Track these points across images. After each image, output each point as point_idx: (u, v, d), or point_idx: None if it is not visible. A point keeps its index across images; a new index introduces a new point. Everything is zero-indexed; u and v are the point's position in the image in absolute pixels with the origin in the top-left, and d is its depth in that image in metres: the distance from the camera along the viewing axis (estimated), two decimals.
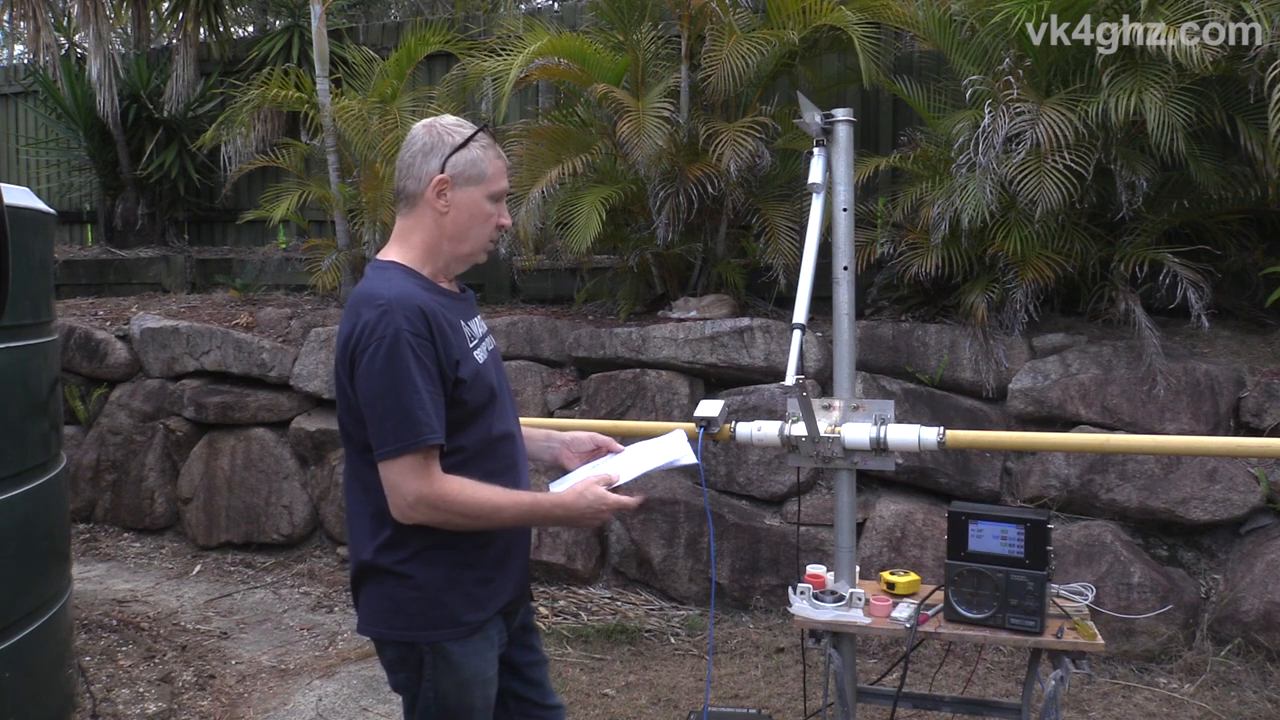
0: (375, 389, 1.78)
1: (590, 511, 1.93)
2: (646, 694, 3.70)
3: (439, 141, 1.89)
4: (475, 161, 1.89)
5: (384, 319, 1.77)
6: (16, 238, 2.98)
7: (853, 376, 2.50)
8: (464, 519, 1.83)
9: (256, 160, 6.21)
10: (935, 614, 2.45)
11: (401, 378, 1.76)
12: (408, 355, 1.76)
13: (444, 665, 1.89)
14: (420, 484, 1.78)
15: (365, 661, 4.07)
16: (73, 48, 8.38)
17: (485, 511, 1.84)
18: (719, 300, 4.98)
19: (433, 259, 1.93)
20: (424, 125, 1.93)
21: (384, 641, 1.94)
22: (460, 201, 1.90)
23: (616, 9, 5.04)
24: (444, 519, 1.81)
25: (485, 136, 1.92)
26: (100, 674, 3.91)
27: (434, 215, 1.90)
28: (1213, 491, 3.87)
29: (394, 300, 1.78)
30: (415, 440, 1.76)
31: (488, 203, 1.92)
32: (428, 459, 1.79)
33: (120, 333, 5.90)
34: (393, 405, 1.77)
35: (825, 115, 2.48)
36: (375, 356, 1.77)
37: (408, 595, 1.88)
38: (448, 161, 1.88)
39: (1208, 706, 3.50)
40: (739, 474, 4.48)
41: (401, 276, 1.87)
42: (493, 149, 1.93)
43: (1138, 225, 4.28)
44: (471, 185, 1.90)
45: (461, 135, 1.90)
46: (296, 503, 5.27)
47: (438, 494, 1.79)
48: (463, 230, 1.92)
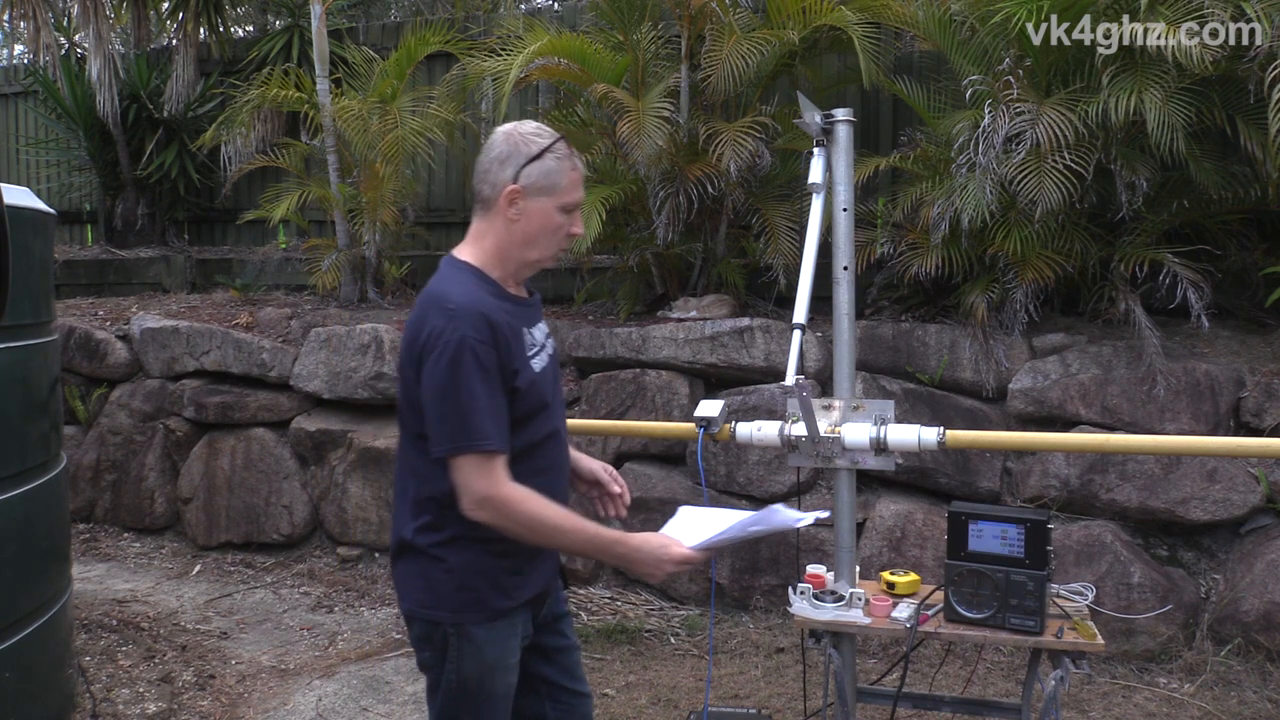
0: (438, 391, 1.84)
1: (652, 559, 1.94)
2: (646, 694, 3.70)
3: (515, 151, 1.93)
4: (549, 173, 1.93)
5: (451, 324, 1.82)
6: (16, 238, 2.98)
7: (853, 376, 2.50)
8: (522, 529, 1.88)
9: (256, 160, 6.21)
10: (935, 614, 2.45)
11: (463, 383, 1.82)
12: (470, 362, 1.81)
13: (468, 648, 1.93)
14: (486, 485, 1.83)
15: (365, 661, 4.07)
16: (73, 48, 8.38)
17: (545, 529, 1.89)
18: (719, 300, 4.98)
19: (502, 263, 1.97)
20: (504, 132, 1.96)
21: (413, 618, 2.00)
22: (531, 210, 1.93)
23: (616, 9, 5.04)
24: (504, 524, 1.87)
25: (562, 147, 1.95)
26: (100, 674, 3.91)
27: (505, 222, 1.94)
28: (1213, 491, 3.87)
29: (462, 306, 1.84)
30: (470, 443, 1.82)
31: (559, 213, 1.96)
32: (492, 461, 1.84)
33: (120, 333, 5.90)
34: (453, 408, 1.82)
35: (825, 115, 2.48)
36: (440, 360, 1.82)
37: (439, 576, 1.93)
38: (521, 171, 1.92)
39: (1208, 706, 3.50)
40: (739, 474, 4.47)
41: (472, 280, 1.92)
42: (568, 160, 1.96)
43: (1138, 225, 4.28)
44: (543, 195, 1.93)
45: (538, 145, 1.93)
46: (296, 503, 5.26)
47: (503, 498, 1.84)
48: (532, 238, 1.95)
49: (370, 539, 5.13)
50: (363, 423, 5.19)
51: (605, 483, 2.23)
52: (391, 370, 5.07)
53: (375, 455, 5.07)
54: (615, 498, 2.25)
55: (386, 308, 5.91)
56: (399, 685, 3.85)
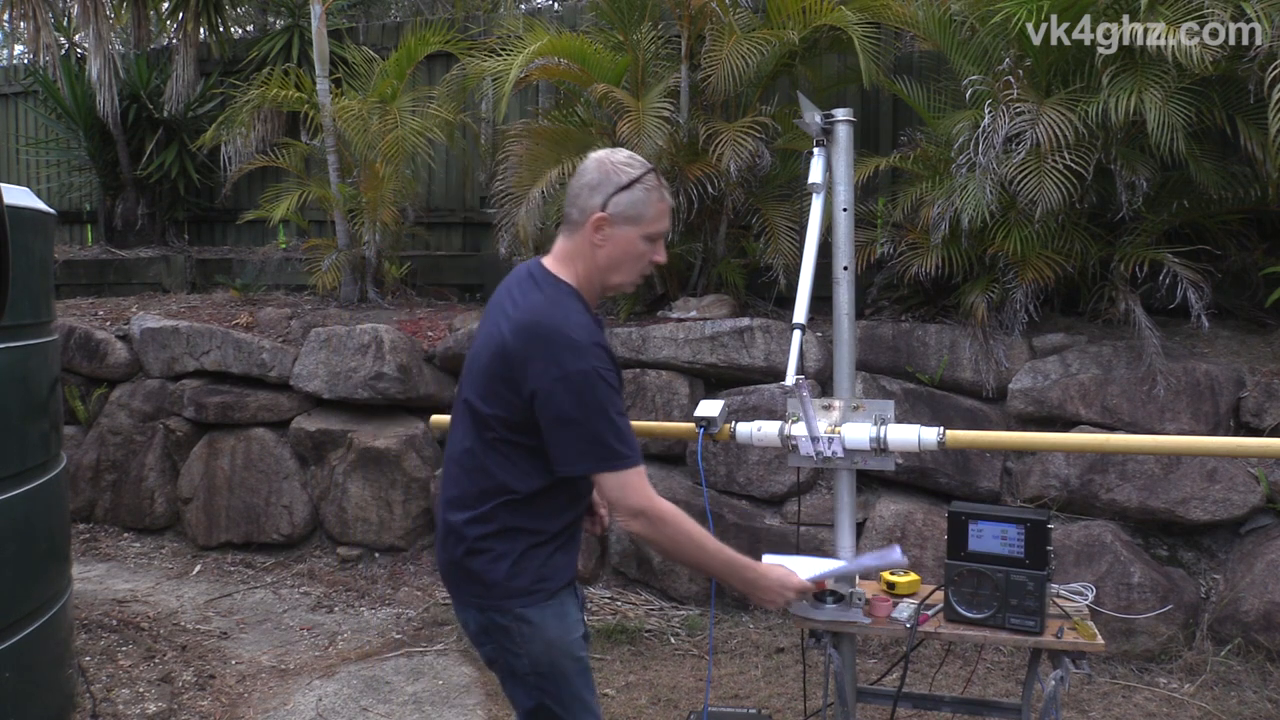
0: (569, 420, 1.90)
1: (776, 585, 2.09)
2: (646, 694, 3.70)
3: (606, 179, 1.99)
4: (636, 203, 1.99)
5: (580, 358, 1.90)
6: (16, 238, 2.98)
7: (853, 376, 2.50)
8: (669, 543, 2.00)
9: (256, 160, 6.21)
10: (935, 614, 2.45)
11: (603, 408, 1.91)
12: (604, 388, 1.91)
13: (529, 630, 2.00)
14: (643, 498, 1.94)
15: (365, 661, 4.07)
16: (73, 48, 8.38)
17: (690, 545, 2.00)
18: (719, 300, 4.98)
19: (589, 285, 2.05)
20: (597, 159, 2.03)
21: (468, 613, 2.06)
22: (616, 238, 2.00)
23: (616, 9, 5.04)
24: (655, 536, 1.97)
25: (652, 179, 2.02)
26: (100, 674, 3.91)
27: (590, 247, 2.02)
28: (1213, 491, 3.87)
29: (584, 341, 1.92)
30: (621, 461, 1.92)
31: (642, 242, 2.03)
32: (640, 472, 1.95)
33: (120, 333, 5.90)
34: (597, 431, 1.91)
35: (825, 115, 2.48)
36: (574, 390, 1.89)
37: (486, 567, 2.00)
38: (610, 200, 1.98)
39: (1208, 706, 3.50)
40: (739, 474, 4.48)
41: (578, 306, 2.00)
42: (657, 191, 2.02)
43: (1138, 225, 4.28)
44: (629, 225, 2.00)
45: (628, 175, 1.99)
46: (296, 503, 5.26)
47: (658, 512, 1.95)
48: (615, 264, 2.03)
49: (370, 539, 5.13)
50: (363, 423, 5.19)
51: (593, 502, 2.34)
52: (390, 370, 5.07)
53: (375, 455, 5.07)
54: (598, 518, 2.38)
55: (386, 308, 5.91)
56: (399, 685, 3.85)
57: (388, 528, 5.09)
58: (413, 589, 4.83)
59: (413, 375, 5.14)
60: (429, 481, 5.09)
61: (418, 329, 5.38)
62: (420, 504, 5.09)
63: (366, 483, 5.10)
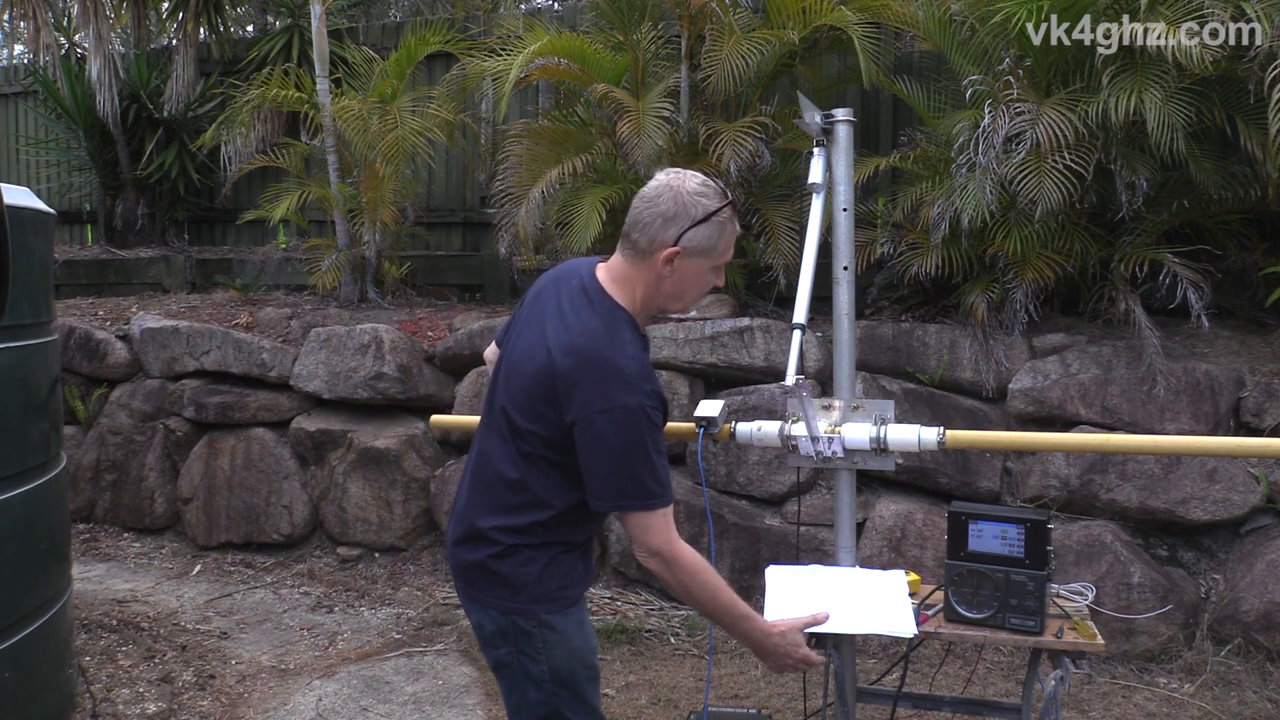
0: (609, 453, 1.88)
1: (779, 652, 2.07)
2: (646, 694, 3.70)
3: (682, 211, 1.93)
4: (710, 237, 1.96)
5: (628, 394, 1.87)
6: (16, 238, 2.98)
7: (853, 376, 2.50)
8: (682, 589, 1.97)
9: (256, 160, 6.21)
10: (935, 614, 2.45)
11: (642, 448, 1.89)
12: (647, 427, 1.89)
13: (553, 637, 2.00)
14: (663, 541, 1.92)
15: (365, 661, 4.07)
16: (73, 48, 8.37)
17: (706, 593, 1.97)
18: (719, 300, 4.98)
19: (646, 309, 2.03)
20: (670, 187, 1.95)
21: (487, 616, 2.04)
22: (685, 269, 1.97)
23: (616, 9, 5.04)
24: (669, 579, 1.96)
25: (728, 212, 1.97)
26: (100, 674, 3.91)
27: (657, 277, 1.98)
28: (1213, 491, 3.87)
29: (637, 376, 1.89)
30: (649, 502, 1.91)
31: (710, 272, 2.01)
32: (667, 516, 1.93)
33: (120, 333, 5.90)
34: (632, 470, 1.89)
35: (825, 115, 2.48)
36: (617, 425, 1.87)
37: (514, 571, 1.99)
38: (685, 235, 1.93)
39: (1208, 706, 3.50)
40: (739, 474, 4.47)
41: (632, 336, 1.96)
42: (731, 223, 1.99)
43: (1138, 225, 4.28)
44: (700, 257, 1.97)
45: (704, 209, 1.93)
46: (296, 503, 5.26)
47: (674, 556, 1.93)
48: (681, 292, 2.01)
49: (370, 539, 5.13)
50: (363, 423, 5.19)
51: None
52: (390, 370, 5.07)
53: (375, 455, 5.07)
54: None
55: (386, 308, 5.91)
56: (399, 685, 3.85)
57: (388, 528, 5.09)
58: (413, 589, 4.83)
59: (413, 375, 5.14)
60: (429, 481, 5.09)
61: (418, 329, 5.38)
62: (420, 504, 5.09)
63: (366, 483, 5.10)
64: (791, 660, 2.06)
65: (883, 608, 2.25)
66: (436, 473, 5.09)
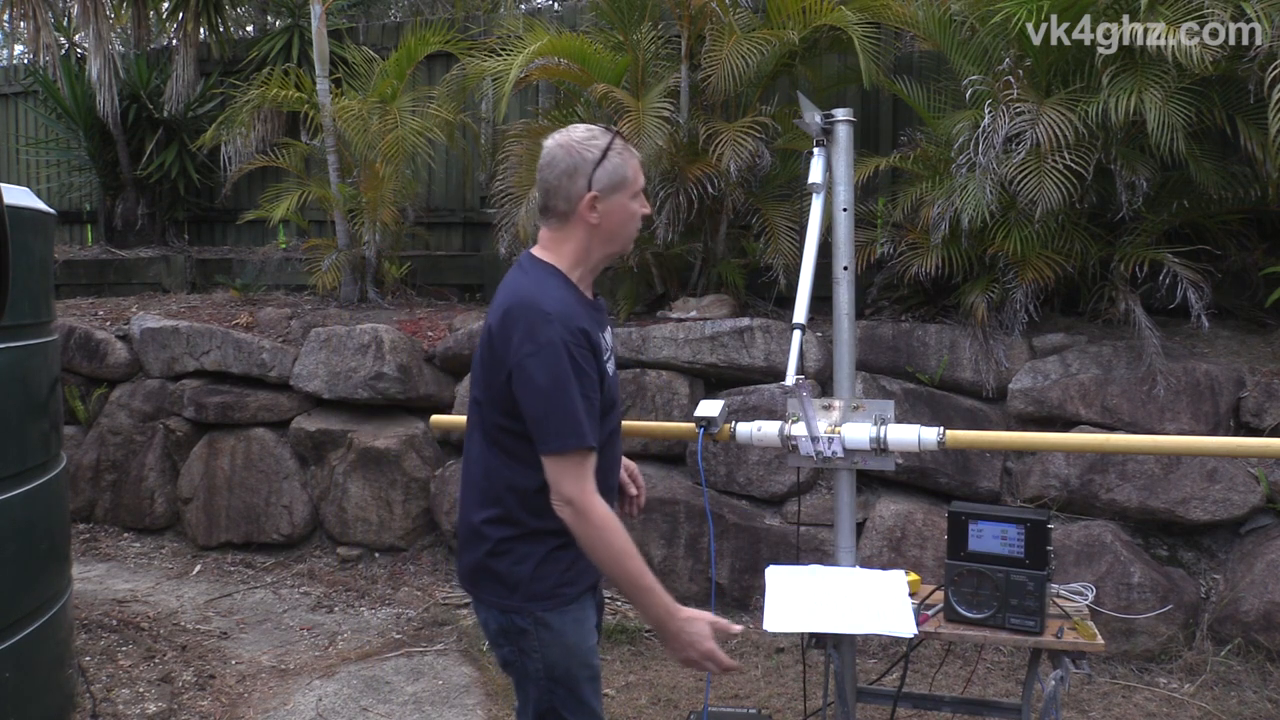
0: (536, 391, 1.90)
1: (681, 638, 1.98)
2: (646, 694, 3.70)
3: (579, 161, 2.00)
4: (615, 170, 2.01)
5: (550, 329, 1.89)
6: (16, 238, 2.98)
7: (853, 376, 2.50)
8: (588, 544, 1.94)
9: (256, 160, 6.21)
10: (935, 614, 2.45)
11: (563, 384, 1.89)
12: (569, 365, 1.89)
13: (548, 635, 2.00)
14: (575, 488, 1.91)
15: (365, 661, 4.07)
16: (73, 48, 8.37)
17: (610, 554, 1.94)
18: (719, 300, 4.98)
19: (583, 263, 2.06)
20: (560, 145, 2.02)
21: (489, 614, 2.06)
22: (609, 209, 2.02)
23: (616, 9, 5.04)
24: (579, 529, 1.93)
25: (619, 142, 2.04)
26: (100, 674, 3.91)
27: (587, 228, 2.03)
28: (1213, 491, 3.87)
29: (558, 313, 1.92)
30: (568, 442, 1.89)
31: (632, 202, 2.06)
32: (585, 466, 1.92)
33: (120, 333, 5.90)
34: (554, 408, 1.89)
35: (825, 115, 2.48)
36: (542, 362, 1.89)
37: (509, 569, 2.01)
38: (593, 178, 1.99)
39: (1208, 706, 3.50)
40: (739, 474, 4.48)
41: (560, 285, 2.00)
42: (626, 151, 2.04)
43: (1138, 225, 4.28)
44: (617, 192, 2.02)
45: (598, 149, 2.00)
46: (296, 503, 5.26)
47: (585, 506, 1.91)
48: (614, 233, 2.06)
49: (370, 539, 5.13)
50: (363, 423, 5.19)
51: (623, 484, 2.32)
52: (390, 370, 5.07)
53: (375, 455, 5.07)
54: (631, 499, 2.35)
55: (386, 308, 5.91)
56: (399, 685, 3.85)
57: (388, 528, 5.09)
58: (413, 589, 4.83)
59: (413, 375, 5.14)
60: (429, 481, 5.09)
61: (418, 329, 5.38)
62: (420, 504, 5.09)
63: (366, 483, 5.10)
64: (695, 652, 1.97)
65: (883, 608, 2.26)
66: (436, 473, 5.09)
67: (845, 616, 2.23)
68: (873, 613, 2.25)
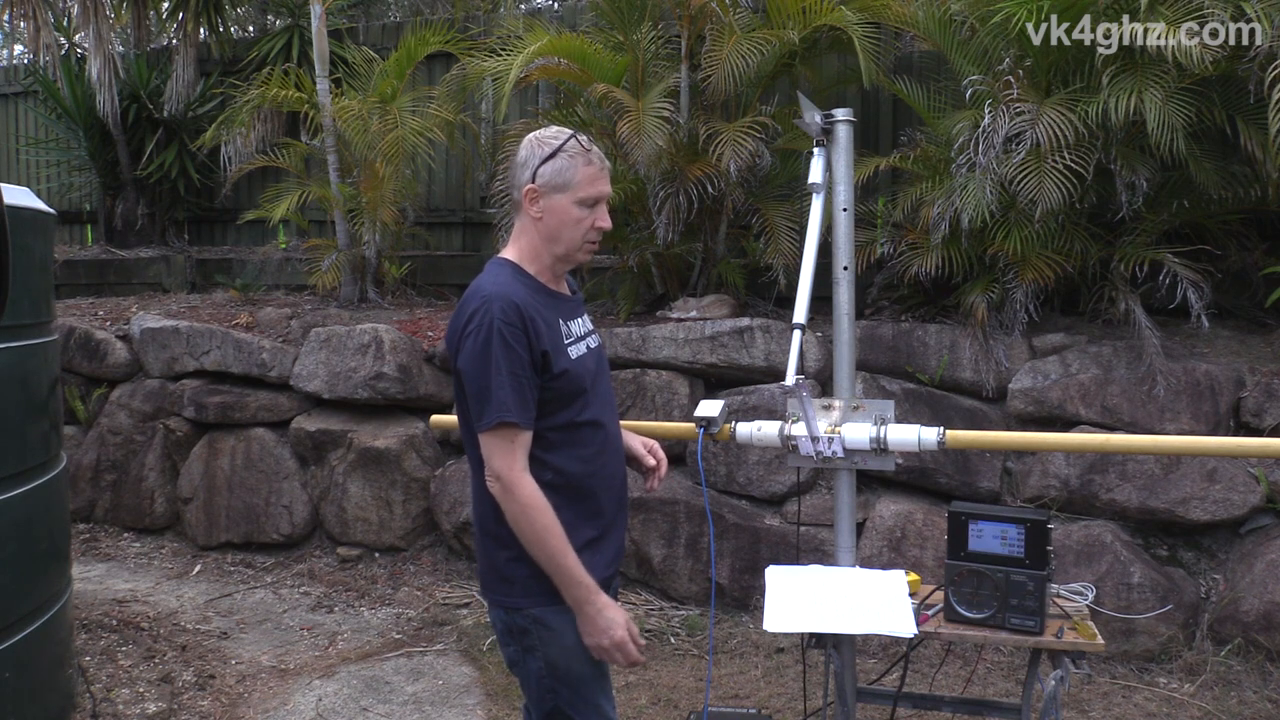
0: (471, 370, 1.96)
1: (594, 624, 1.98)
2: (646, 694, 3.70)
3: (531, 154, 2.05)
4: (561, 170, 2.03)
5: (483, 308, 1.95)
6: (16, 238, 2.98)
7: (853, 376, 2.50)
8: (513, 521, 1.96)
9: (256, 160, 6.21)
10: (935, 614, 2.45)
11: (491, 362, 1.93)
12: (498, 342, 1.92)
13: (547, 634, 2.01)
14: (503, 464, 1.94)
15: (365, 661, 4.07)
16: (73, 48, 8.37)
17: (534, 532, 1.94)
18: (719, 300, 4.98)
19: (536, 259, 2.09)
20: (527, 139, 2.10)
21: (494, 612, 2.08)
22: (550, 208, 2.05)
23: (616, 9, 5.04)
24: (505, 505, 1.95)
25: (575, 144, 2.05)
26: (100, 674, 3.91)
27: (530, 221, 2.07)
28: (1213, 491, 3.87)
29: (493, 295, 1.96)
30: (495, 416, 1.92)
31: (576, 208, 2.05)
32: (514, 442, 1.94)
33: (120, 333, 5.90)
34: (483, 385, 1.94)
35: (825, 115, 2.48)
36: (474, 342, 1.94)
37: (508, 565, 2.02)
38: (536, 172, 2.04)
39: (1208, 706, 3.50)
40: (739, 474, 4.47)
41: (508, 274, 2.05)
42: (582, 156, 2.04)
43: (1138, 225, 4.28)
44: (558, 192, 2.04)
45: (551, 146, 2.04)
46: (296, 503, 5.26)
47: (512, 482, 1.94)
48: (555, 233, 2.06)
49: (370, 539, 5.13)
50: (363, 423, 5.19)
51: (640, 457, 2.34)
52: (390, 370, 5.08)
53: (375, 455, 5.07)
54: (651, 470, 2.35)
55: (386, 308, 5.91)
56: (399, 685, 3.85)
57: (388, 528, 5.09)
58: (413, 589, 4.83)
59: (413, 375, 5.14)
60: (429, 481, 5.09)
61: (418, 329, 5.38)
62: (420, 504, 5.09)
63: (366, 483, 5.10)
64: (607, 640, 1.98)
65: (883, 608, 2.26)
66: (436, 473, 5.09)
67: (845, 616, 2.23)
68: (873, 613, 2.25)
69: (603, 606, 1.98)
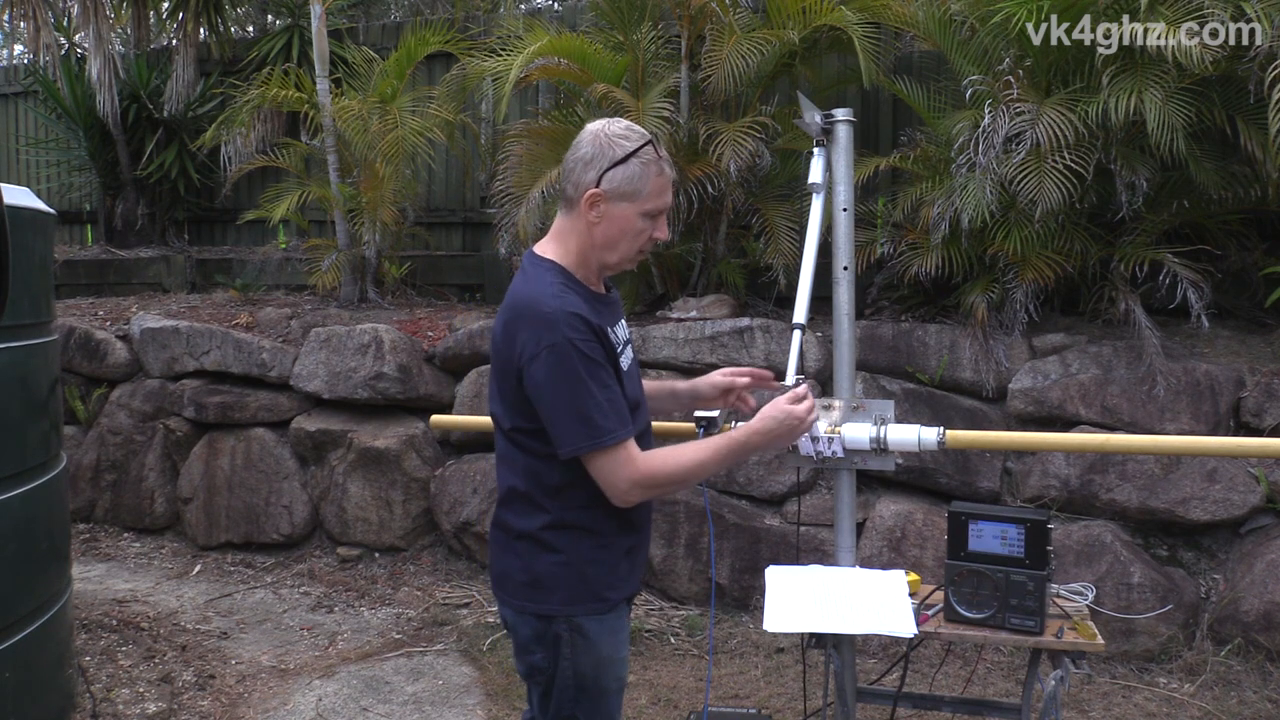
0: (553, 396, 1.85)
1: (786, 426, 2.03)
2: (646, 694, 3.70)
3: (600, 153, 1.90)
4: (632, 178, 1.90)
5: (551, 330, 1.83)
6: (16, 238, 2.98)
7: (853, 376, 2.50)
8: (675, 485, 1.96)
9: (256, 160, 6.21)
10: (935, 614, 2.45)
11: (577, 384, 1.83)
12: (579, 360, 1.83)
13: (582, 643, 1.94)
14: (626, 472, 1.88)
15: (365, 661, 4.07)
16: (73, 48, 8.38)
17: (692, 470, 1.94)
18: (719, 300, 4.98)
19: (584, 264, 1.98)
20: (592, 131, 1.93)
21: (521, 618, 1.98)
22: (612, 215, 1.92)
23: (616, 9, 5.04)
24: (659, 492, 1.95)
25: (650, 151, 1.91)
26: (100, 674, 3.91)
27: (586, 224, 1.93)
28: (1213, 491, 3.87)
29: (557, 310, 1.85)
30: (598, 441, 1.85)
31: (640, 219, 1.94)
32: (623, 448, 1.87)
33: (120, 333, 5.90)
34: (573, 411, 1.84)
35: (825, 115, 2.48)
36: (548, 367, 1.83)
37: (548, 568, 1.94)
38: (604, 175, 1.89)
39: (1208, 706, 3.50)
40: (739, 474, 4.48)
41: (559, 280, 1.92)
42: (655, 165, 1.92)
43: (1138, 225, 4.28)
44: (625, 201, 1.91)
45: (624, 149, 1.89)
46: (296, 503, 5.26)
47: (645, 475, 1.89)
48: (612, 242, 1.95)
49: (370, 539, 5.13)
50: (363, 423, 5.19)
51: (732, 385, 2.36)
52: (390, 370, 5.08)
53: (375, 455, 5.07)
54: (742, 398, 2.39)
55: (386, 308, 5.91)
56: (399, 685, 3.85)
57: (388, 528, 5.09)
58: (413, 589, 4.83)
59: (413, 375, 5.14)
60: (429, 481, 5.09)
61: (418, 329, 5.38)
62: (420, 504, 5.09)
63: (366, 483, 5.10)
64: (798, 419, 2.04)
65: (883, 608, 2.25)
66: (436, 473, 5.09)
67: (845, 616, 2.23)
68: (873, 613, 2.25)
69: (765, 430, 2.01)
